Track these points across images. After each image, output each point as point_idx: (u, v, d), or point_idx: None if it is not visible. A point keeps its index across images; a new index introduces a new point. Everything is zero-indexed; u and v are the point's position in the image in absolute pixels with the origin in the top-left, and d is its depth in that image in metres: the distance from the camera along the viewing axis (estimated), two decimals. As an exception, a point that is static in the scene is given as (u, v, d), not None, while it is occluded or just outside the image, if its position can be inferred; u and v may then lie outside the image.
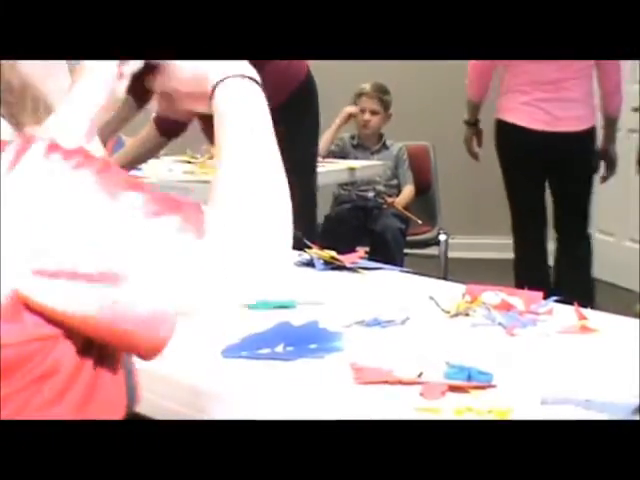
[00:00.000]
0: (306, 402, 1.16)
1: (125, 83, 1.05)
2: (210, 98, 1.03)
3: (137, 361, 1.13)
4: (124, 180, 0.92)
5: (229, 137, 1.00)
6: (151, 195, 0.92)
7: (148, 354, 0.93)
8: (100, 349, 0.94)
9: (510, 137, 3.63)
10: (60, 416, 0.91)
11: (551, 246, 3.88)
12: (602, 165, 3.83)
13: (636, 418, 1.09)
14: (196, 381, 1.23)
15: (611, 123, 3.79)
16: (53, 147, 0.90)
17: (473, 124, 3.84)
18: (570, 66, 3.50)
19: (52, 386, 0.90)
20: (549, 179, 3.69)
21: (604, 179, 3.89)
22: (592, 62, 3.55)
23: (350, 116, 4.40)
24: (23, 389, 0.89)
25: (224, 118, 1.01)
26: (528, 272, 3.69)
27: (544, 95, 3.53)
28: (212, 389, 1.21)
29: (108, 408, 0.96)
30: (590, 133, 3.64)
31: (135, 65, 1.05)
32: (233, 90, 1.02)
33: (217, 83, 1.02)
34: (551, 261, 3.86)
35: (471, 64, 3.73)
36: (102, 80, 1.04)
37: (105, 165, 0.91)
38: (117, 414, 0.98)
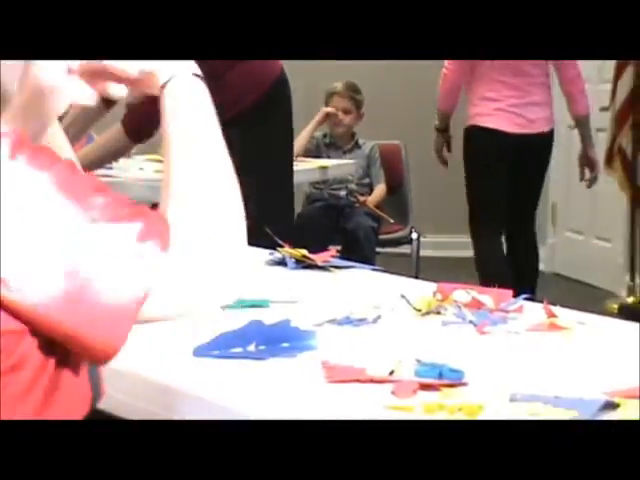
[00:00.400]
0: (278, 401, 1.16)
1: (75, 77, 1.04)
2: (159, 97, 1.03)
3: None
4: (88, 183, 0.91)
5: (179, 137, 1.00)
6: (115, 200, 0.92)
7: (100, 356, 0.93)
8: (64, 346, 0.94)
9: (488, 141, 3.81)
10: (26, 412, 0.91)
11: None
12: (586, 170, 3.97)
13: (604, 414, 1.10)
14: (168, 380, 1.23)
15: (583, 124, 3.93)
16: (18, 145, 0.89)
17: (444, 130, 4.02)
18: (531, 72, 3.77)
19: (18, 381, 0.90)
20: (516, 178, 3.86)
21: (590, 183, 3.99)
22: (550, 69, 3.84)
23: (327, 116, 4.41)
24: None
25: (172, 117, 1.01)
26: (498, 270, 3.82)
27: (515, 101, 3.78)
28: (184, 388, 1.21)
29: (73, 403, 0.96)
30: (552, 133, 3.89)
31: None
32: (181, 89, 1.02)
33: (165, 82, 1.02)
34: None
35: (443, 78, 3.90)
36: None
37: (69, 167, 0.91)
38: (82, 409, 0.98)
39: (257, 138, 2.74)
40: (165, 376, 1.24)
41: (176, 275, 0.92)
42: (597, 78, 4.93)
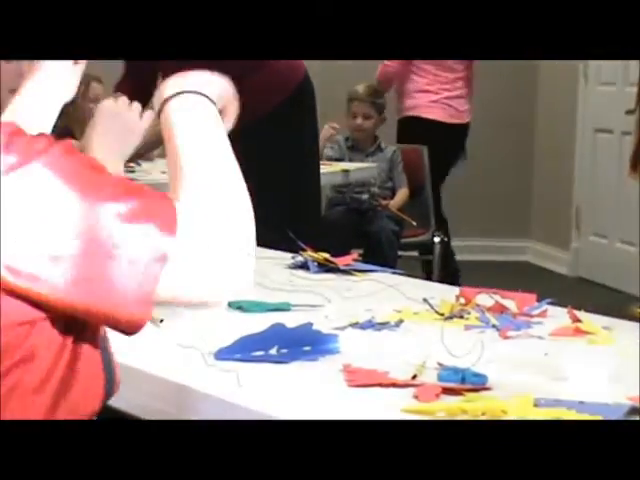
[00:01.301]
0: (299, 404, 1.16)
1: (82, 67, 1.05)
2: (159, 112, 1.05)
3: (131, 360, 1.12)
4: (84, 163, 0.91)
5: (185, 142, 1.00)
6: (121, 188, 0.91)
7: (129, 329, 0.93)
8: (78, 334, 0.94)
9: (427, 131, 4.40)
10: (42, 403, 0.91)
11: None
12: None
13: (629, 419, 1.09)
14: (189, 383, 1.22)
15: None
16: (14, 134, 0.89)
17: None
18: (458, 68, 4.41)
19: (32, 373, 0.91)
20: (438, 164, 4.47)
21: None
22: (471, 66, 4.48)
23: (331, 136, 4.37)
24: (4, 376, 0.89)
25: (173, 128, 1.02)
26: None
27: (448, 94, 4.41)
28: (205, 391, 1.20)
29: (87, 394, 0.97)
30: (469, 124, 4.54)
31: None
32: (186, 104, 1.04)
33: (168, 98, 1.04)
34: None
35: (383, 70, 4.45)
36: (57, 68, 1.04)
37: (65, 149, 0.91)
38: (96, 400, 0.98)
39: (283, 141, 2.74)
40: (187, 379, 1.23)
41: (185, 257, 0.91)
42: (622, 81, 4.90)
